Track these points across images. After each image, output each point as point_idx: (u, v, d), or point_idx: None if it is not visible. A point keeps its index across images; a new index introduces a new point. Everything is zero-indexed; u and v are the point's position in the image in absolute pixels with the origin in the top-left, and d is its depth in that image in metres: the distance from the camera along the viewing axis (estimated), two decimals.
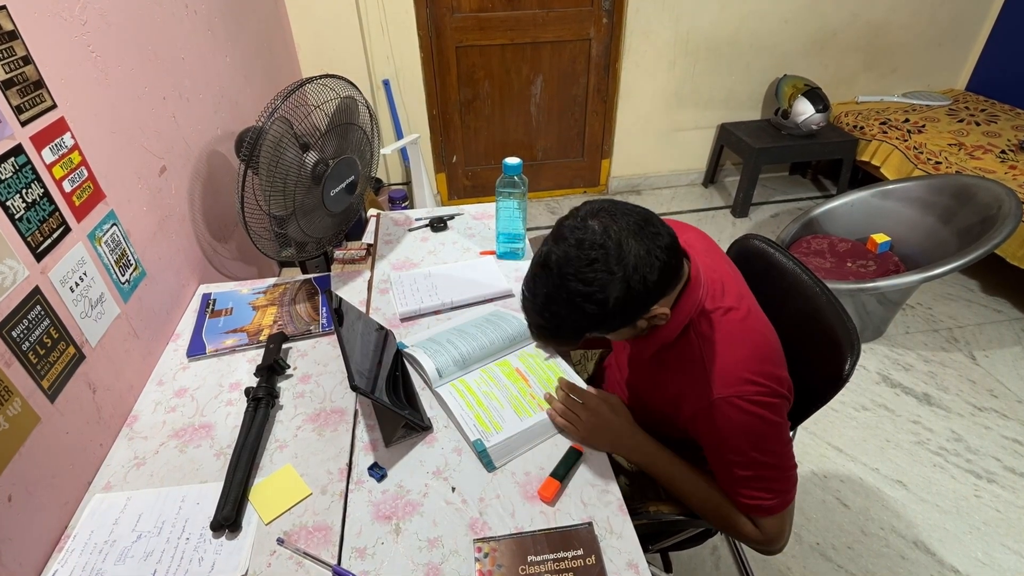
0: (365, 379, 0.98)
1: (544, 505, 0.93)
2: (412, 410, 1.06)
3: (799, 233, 2.57)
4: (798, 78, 3.20)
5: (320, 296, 1.43)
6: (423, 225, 1.72)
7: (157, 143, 1.36)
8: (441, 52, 3.01)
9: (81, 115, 1.09)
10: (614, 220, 0.81)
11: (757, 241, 1.23)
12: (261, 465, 1.02)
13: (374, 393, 0.97)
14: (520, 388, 1.12)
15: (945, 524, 1.74)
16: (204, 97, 1.65)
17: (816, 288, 1.08)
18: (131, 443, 1.08)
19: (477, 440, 1.01)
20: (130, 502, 0.97)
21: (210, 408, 1.14)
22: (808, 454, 1.95)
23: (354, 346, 1.04)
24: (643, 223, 0.82)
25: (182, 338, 1.33)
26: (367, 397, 0.95)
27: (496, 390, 1.11)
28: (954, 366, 2.29)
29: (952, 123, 3.06)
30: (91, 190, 1.10)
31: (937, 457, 1.94)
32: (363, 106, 1.45)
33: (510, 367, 1.17)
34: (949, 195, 2.38)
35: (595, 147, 3.47)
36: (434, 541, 0.89)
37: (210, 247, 1.60)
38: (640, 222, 0.82)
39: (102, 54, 1.17)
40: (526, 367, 1.17)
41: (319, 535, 0.91)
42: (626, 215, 0.82)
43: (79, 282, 1.04)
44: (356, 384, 0.93)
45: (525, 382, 1.13)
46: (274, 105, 1.24)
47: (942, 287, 2.71)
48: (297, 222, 1.36)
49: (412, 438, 1.05)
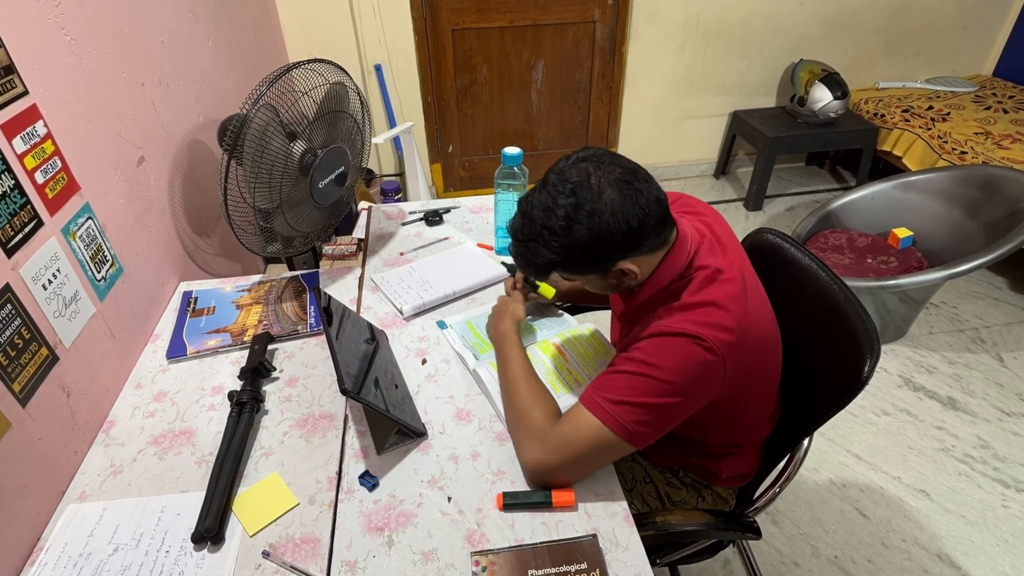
0: (354, 382, 0.98)
1: (545, 516, 0.93)
2: (406, 415, 1.06)
3: (816, 227, 2.57)
4: (815, 63, 3.20)
5: (308, 294, 1.43)
6: (417, 219, 1.72)
7: (135, 132, 1.36)
8: (436, 35, 3.00)
9: (54, 102, 1.09)
10: (599, 167, 0.88)
11: (771, 236, 1.23)
12: (245, 473, 1.02)
13: (361, 395, 0.97)
14: (558, 364, 1.17)
15: (971, 536, 1.74)
16: (185, 83, 1.65)
17: (834, 285, 1.08)
18: (107, 450, 1.08)
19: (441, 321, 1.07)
20: (106, 513, 0.96)
21: (191, 413, 1.14)
22: (826, 462, 1.95)
23: (344, 348, 1.04)
24: (630, 177, 0.88)
25: (161, 339, 1.33)
26: (358, 401, 0.96)
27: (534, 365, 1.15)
28: (980, 368, 2.29)
29: (978, 110, 3.06)
30: (65, 181, 1.10)
31: (962, 465, 1.94)
32: (354, 92, 1.45)
33: (548, 344, 1.22)
34: (975, 187, 2.38)
35: (600, 136, 3.47)
36: (429, 554, 0.89)
37: (191, 242, 1.60)
38: (627, 175, 0.88)
39: (77, 37, 1.16)
40: (565, 344, 1.22)
41: (307, 548, 0.91)
42: (614, 166, 0.88)
43: (52, 279, 1.04)
44: (346, 388, 0.93)
45: (563, 358, 1.19)
46: (259, 91, 1.23)
47: (968, 285, 2.71)
48: (283, 215, 1.36)
49: (405, 445, 1.05)
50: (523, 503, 0.94)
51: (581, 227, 0.86)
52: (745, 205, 3.36)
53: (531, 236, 0.91)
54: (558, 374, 1.15)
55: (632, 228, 0.87)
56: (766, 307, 1.01)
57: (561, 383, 1.13)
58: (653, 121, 3.42)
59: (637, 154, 3.50)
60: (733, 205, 3.38)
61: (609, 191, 0.86)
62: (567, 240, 0.88)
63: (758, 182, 3.24)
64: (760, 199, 3.31)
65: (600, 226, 0.86)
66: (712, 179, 3.65)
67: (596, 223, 0.86)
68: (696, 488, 1.20)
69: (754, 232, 1.26)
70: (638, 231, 0.88)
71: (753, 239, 1.25)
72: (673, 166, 3.61)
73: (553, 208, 0.87)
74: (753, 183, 3.28)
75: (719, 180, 3.63)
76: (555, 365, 1.17)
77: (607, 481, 0.99)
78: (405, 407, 1.09)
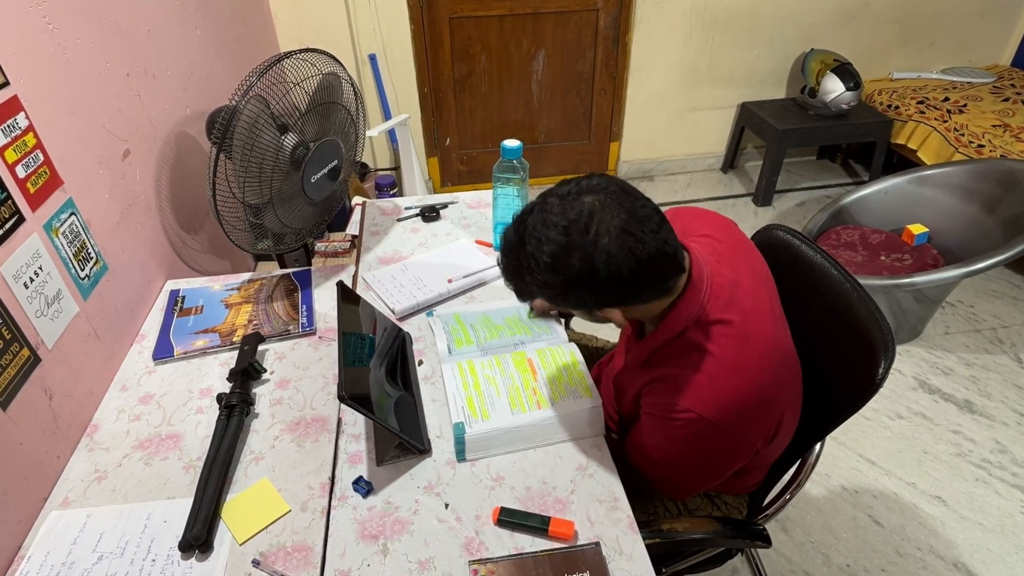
0: (359, 386, 0.97)
1: None
2: (410, 428, 1.05)
3: (828, 223, 2.57)
4: (827, 52, 3.20)
5: (300, 293, 1.43)
6: (413, 215, 1.72)
7: (120, 124, 1.36)
8: (433, 24, 3.00)
9: (36, 93, 1.08)
10: (604, 209, 0.81)
11: (781, 232, 1.23)
12: (235, 479, 1.02)
13: (364, 402, 0.97)
14: (524, 380, 1.14)
15: (988, 544, 1.74)
16: (172, 74, 1.64)
17: (846, 284, 1.08)
18: (91, 455, 1.08)
19: (458, 423, 1.03)
20: (90, 520, 0.96)
21: (178, 416, 1.14)
22: (838, 467, 1.95)
23: (354, 349, 1.04)
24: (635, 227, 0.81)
25: (148, 339, 1.33)
26: (354, 409, 0.94)
27: (499, 376, 1.14)
28: (999, 370, 2.29)
29: (996, 102, 3.06)
30: (47, 176, 1.10)
31: (980, 470, 1.94)
32: (347, 83, 1.45)
33: (523, 357, 1.20)
34: (993, 181, 2.38)
35: (603, 129, 3.47)
36: (425, 563, 0.89)
37: (179, 239, 1.60)
38: (631, 224, 0.81)
39: (59, 26, 1.16)
40: (540, 360, 1.19)
41: (299, 556, 0.91)
42: (620, 209, 0.81)
43: (34, 277, 1.04)
44: (343, 394, 0.91)
45: (532, 375, 1.15)
46: (249, 82, 1.23)
47: (985, 283, 2.71)
48: (274, 211, 1.35)
49: (406, 460, 1.04)
50: (519, 523, 0.93)
51: (569, 269, 0.81)
52: (754, 200, 3.36)
53: (518, 258, 0.86)
54: (521, 390, 1.11)
55: (625, 280, 0.82)
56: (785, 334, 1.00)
57: (521, 402, 1.09)
58: (658, 113, 3.42)
59: (641, 147, 3.51)
60: (741, 200, 3.38)
61: (606, 239, 0.80)
62: (550, 277, 0.83)
63: (767, 176, 3.24)
64: (769, 194, 3.31)
65: (588, 273, 0.81)
66: (719, 173, 3.65)
67: (585, 269, 0.81)
68: (708, 496, 1.21)
69: (763, 229, 1.26)
70: (632, 283, 0.83)
71: (762, 236, 1.25)
72: (679, 160, 3.61)
73: (543, 241, 0.82)
74: (762, 177, 3.28)
75: (727, 174, 3.63)
76: (522, 381, 1.13)
77: (610, 486, 0.99)
78: (408, 417, 1.08)
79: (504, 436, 1.04)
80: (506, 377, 1.14)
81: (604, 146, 3.53)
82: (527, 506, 0.96)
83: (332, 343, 1.29)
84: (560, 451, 1.05)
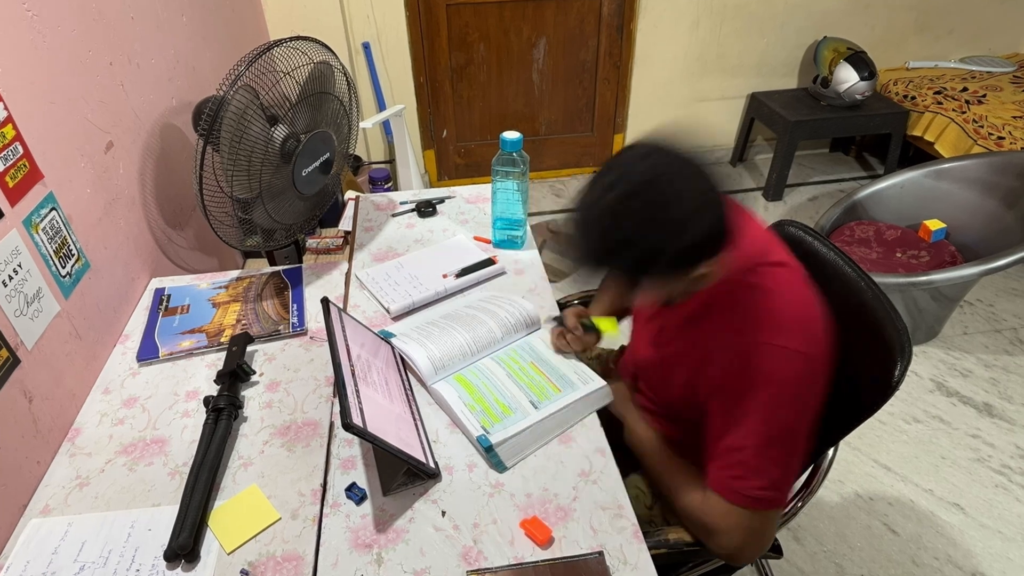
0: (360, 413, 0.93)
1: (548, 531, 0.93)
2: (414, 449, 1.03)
3: (841, 219, 2.57)
4: (840, 40, 3.19)
5: (290, 292, 1.43)
6: (409, 210, 1.71)
7: (103, 115, 1.35)
8: (429, 10, 2.99)
9: (15, 83, 1.08)
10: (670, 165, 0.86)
11: (793, 228, 1.23)
12: (222, 486, 1.02)
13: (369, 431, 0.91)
14: (532, 376, 1.16)
15: (1008, 553, 1.74)
16: (157, 62, 1.64)
17: (861, 282, 1.08)
18: (73, 460, 1.08)
19: (481, 436, 1.03)
20: (72, 528, 0.96)
21: (164, 420, 1.14)
22: (852, 473, 1.95)
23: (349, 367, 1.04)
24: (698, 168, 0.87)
25: (131, 340, 1.33)
26: (364, 439, 0.90)
27: (504, 376, 1.16)
28: (1020, 372, 2.29)
29: (1017, 92, 3.05)
30: (27, 169, 1.10)
31: (1000, 476, 1.94)
32: (340, 73, 1.45)
33: (516, 353, 1.22)
34: (1014, 175, 2.37)
35: (606, 120, 3.46)
36: (421, 573, 0.89)
37: (164, 235, 1.60)
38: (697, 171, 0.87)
39: (39, 13, 1.16)
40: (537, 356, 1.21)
41: (289, 566, 0.90)
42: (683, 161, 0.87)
43: (13, 275, 1.03)
44: (348, 422, 0.86)
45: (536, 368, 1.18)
46: (237, 72, 1.23)
47: (1006, 281, 2.71)
48: (264, 206, 1.35)
49: (415, 487, 1.01)
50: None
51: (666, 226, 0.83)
52: (764, 195, 3.36)
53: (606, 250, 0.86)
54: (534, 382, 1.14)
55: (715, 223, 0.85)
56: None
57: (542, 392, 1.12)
58: (664, 104, 3.42)
59: None
60: (752, 195, 3.38)
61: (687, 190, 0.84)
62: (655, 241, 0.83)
63: (778, 170, 3.24)
64: (780, 188, 3.31)
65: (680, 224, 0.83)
66: (728, 166, 3.65)
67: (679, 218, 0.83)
68: None
69: (774, 224, 1.26)
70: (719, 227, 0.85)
71: (773, 232, 1.25)
72: None
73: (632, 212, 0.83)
74: (773, 171, 3.28)
75: (736, 167, 3.63)
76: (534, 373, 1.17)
77: (614, 492, 0.99)
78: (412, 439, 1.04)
79: (535, 431, 1.06)
80: (512, 375, 1.16)
81: (608, 138, 3.53)
82: (526, 513, 0.95)
83: (324, 344, 1.29)
84: (562, 456, 1.05)
